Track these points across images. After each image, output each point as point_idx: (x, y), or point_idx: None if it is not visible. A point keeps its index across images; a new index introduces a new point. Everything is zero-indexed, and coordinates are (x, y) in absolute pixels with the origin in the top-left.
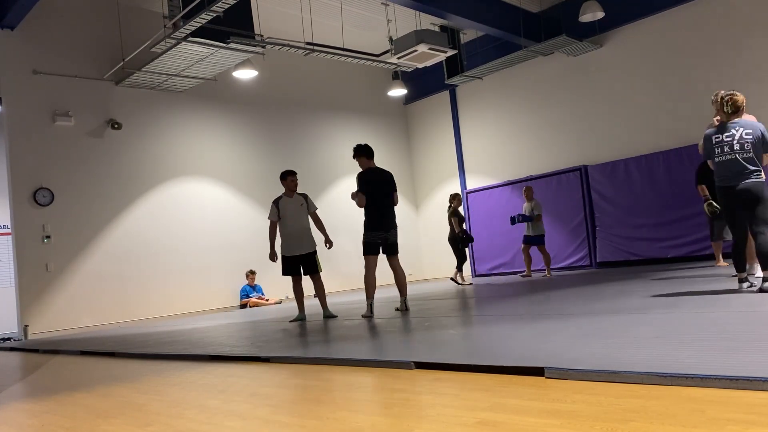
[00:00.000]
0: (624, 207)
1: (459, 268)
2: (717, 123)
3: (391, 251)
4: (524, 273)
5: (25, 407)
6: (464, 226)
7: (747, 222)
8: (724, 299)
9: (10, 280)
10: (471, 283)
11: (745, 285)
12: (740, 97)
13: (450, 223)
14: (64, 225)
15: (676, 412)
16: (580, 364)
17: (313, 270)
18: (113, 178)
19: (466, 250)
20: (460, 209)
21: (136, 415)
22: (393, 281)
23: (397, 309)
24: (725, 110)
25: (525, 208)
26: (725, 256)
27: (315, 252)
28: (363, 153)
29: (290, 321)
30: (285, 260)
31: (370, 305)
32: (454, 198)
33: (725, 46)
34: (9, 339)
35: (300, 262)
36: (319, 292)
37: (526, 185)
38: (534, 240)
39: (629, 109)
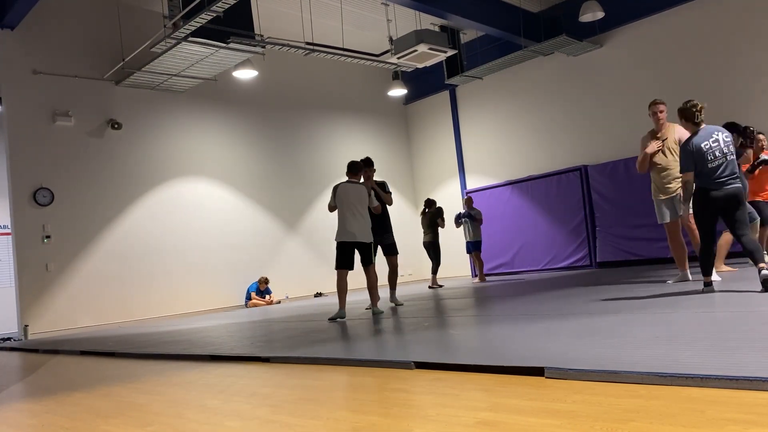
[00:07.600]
0: (624, 207)
1: (434, 272)
2: (653, 135)
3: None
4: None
5: (25, 407)
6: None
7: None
8: (724, 299)
9: (10, 280)
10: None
11: (711, 287)
12: None
13: (432, 226)
14: (64, 225)
15: (676, 412)
16: (580, 364)
17: (370, 260)
18: (113, 178)
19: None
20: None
21: (136, 415)
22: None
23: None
24: (696, 119)
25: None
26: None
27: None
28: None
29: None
30: (342, 246)
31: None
32: (432, 203)
33: (725, 46)
34: (9, 339)
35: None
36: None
37: (468, 196)
38: (474, 246)
39: (629, 109)
